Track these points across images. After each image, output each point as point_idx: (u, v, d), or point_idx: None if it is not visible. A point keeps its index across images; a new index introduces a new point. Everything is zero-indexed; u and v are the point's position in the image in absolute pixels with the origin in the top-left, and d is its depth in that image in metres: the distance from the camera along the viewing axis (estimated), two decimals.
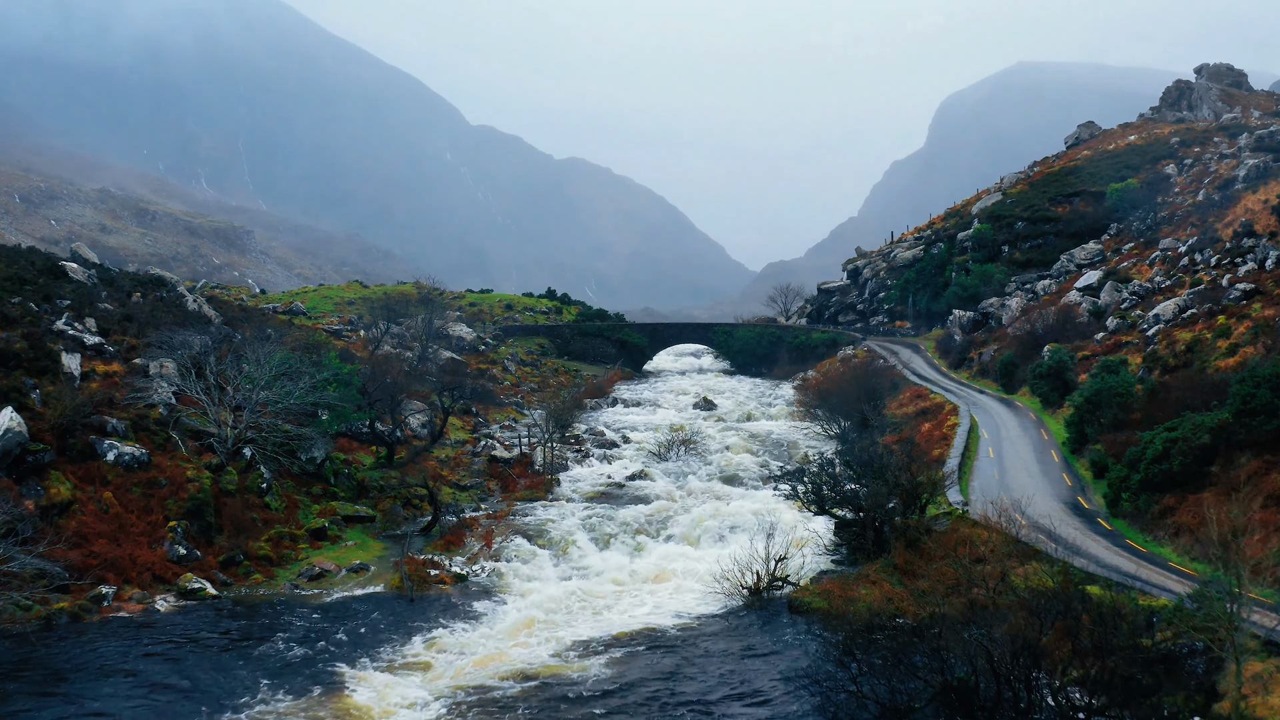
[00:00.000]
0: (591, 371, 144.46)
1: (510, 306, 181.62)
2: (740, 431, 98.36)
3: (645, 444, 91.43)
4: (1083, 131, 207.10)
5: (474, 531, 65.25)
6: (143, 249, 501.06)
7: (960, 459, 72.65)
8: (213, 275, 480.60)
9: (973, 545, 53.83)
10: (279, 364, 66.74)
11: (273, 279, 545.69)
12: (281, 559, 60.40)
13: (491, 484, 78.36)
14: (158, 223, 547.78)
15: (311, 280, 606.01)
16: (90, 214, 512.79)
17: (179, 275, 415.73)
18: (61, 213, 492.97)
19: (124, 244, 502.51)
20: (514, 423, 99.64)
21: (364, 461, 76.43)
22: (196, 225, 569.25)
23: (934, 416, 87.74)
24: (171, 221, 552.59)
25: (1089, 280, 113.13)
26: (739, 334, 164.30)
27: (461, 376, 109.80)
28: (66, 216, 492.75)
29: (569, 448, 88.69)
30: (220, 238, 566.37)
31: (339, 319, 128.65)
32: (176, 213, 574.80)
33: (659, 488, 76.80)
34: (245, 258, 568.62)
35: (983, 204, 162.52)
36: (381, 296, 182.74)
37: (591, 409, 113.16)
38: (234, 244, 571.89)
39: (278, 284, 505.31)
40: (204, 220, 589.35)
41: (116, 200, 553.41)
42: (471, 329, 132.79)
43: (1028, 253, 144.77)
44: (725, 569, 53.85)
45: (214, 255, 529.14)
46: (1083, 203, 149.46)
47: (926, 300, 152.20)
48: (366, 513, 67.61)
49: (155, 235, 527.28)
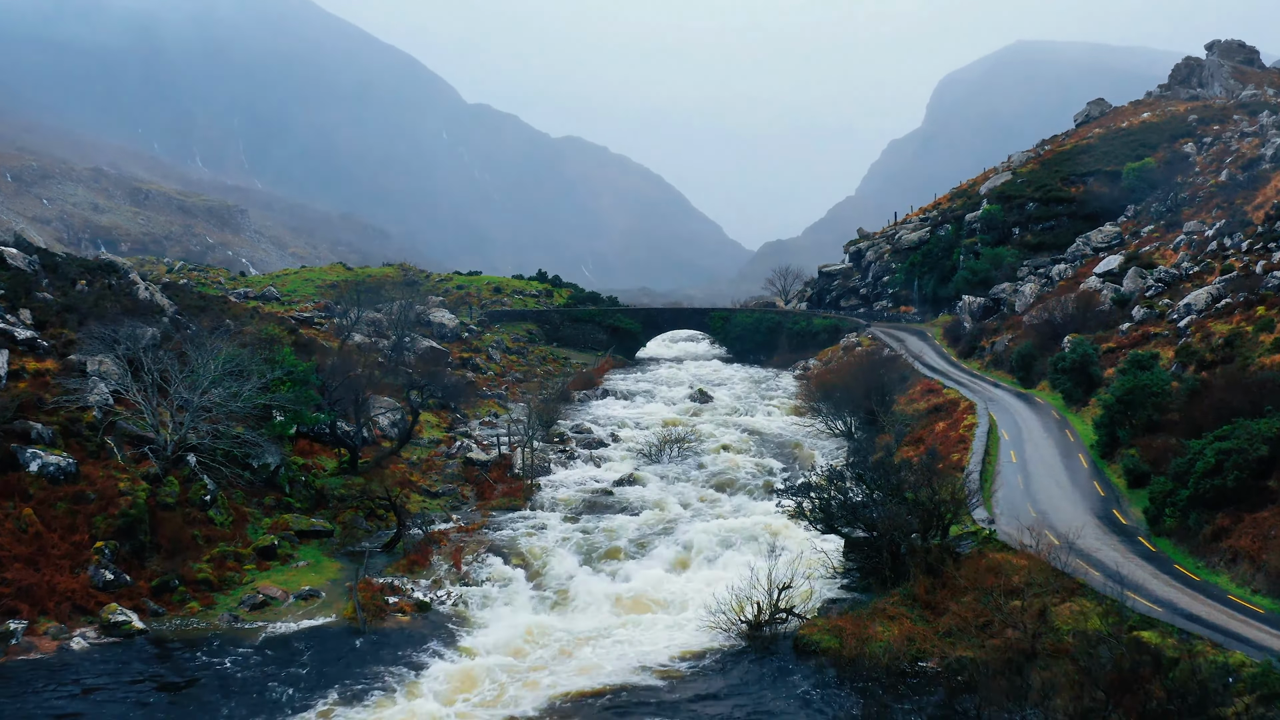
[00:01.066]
0: (581, 359, 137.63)
1: (499, 289, 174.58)
2: (738, 428, 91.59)
3: (635, 443, 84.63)
4: (1093, 109, 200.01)
5: (442, 548, 58.62)
6: (136, 228, 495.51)
7: (980, 464, 66.10)
8: (206, 255, 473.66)
9: (1004, 574, 47.35)
10: (226, 362, 59.95)
11: (266, 259, 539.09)
12: (223, 583, 53.78)
13: (466, 490, 71.73)
14: (151, 202, 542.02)
15: (307, 260, 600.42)
16: (83, 193, 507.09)
17: (172, 255, 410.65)
18: (54, 192, 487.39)
19: (117, 223, 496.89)
20: (495, 418, 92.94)
21: (326, 466, 69.74)
22: (190, 204, 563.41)
23: (948, 414, 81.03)
24: (165, 201, 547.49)
25: (1109, 265, 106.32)
26: (737, 319, 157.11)
27: (440, 367, 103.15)
28: (59, 196, 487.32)
29: (553, 447, 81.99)
30: (214, 217, 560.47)
31: (314, 305, 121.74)
32: (170, 192, 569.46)
33: (649, 494, 70.14)
34: (239, 237, 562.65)
35: (991, 184, 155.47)
36: (365, 279, 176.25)
37: (579, 401, 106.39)
38: (228, 223, 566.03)
39: (271, 264, 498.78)
40: (198, 199, 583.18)
41: (110, 179, 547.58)
42: (454, 315, 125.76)
43: (1040, 235, 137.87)
44: (721, 599, 47.29)
45: (208, 234, 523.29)
46: (1097, 183, 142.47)
47: (933, 284, 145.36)
48: (323, 526, 60.95)
49: (148, 214, 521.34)
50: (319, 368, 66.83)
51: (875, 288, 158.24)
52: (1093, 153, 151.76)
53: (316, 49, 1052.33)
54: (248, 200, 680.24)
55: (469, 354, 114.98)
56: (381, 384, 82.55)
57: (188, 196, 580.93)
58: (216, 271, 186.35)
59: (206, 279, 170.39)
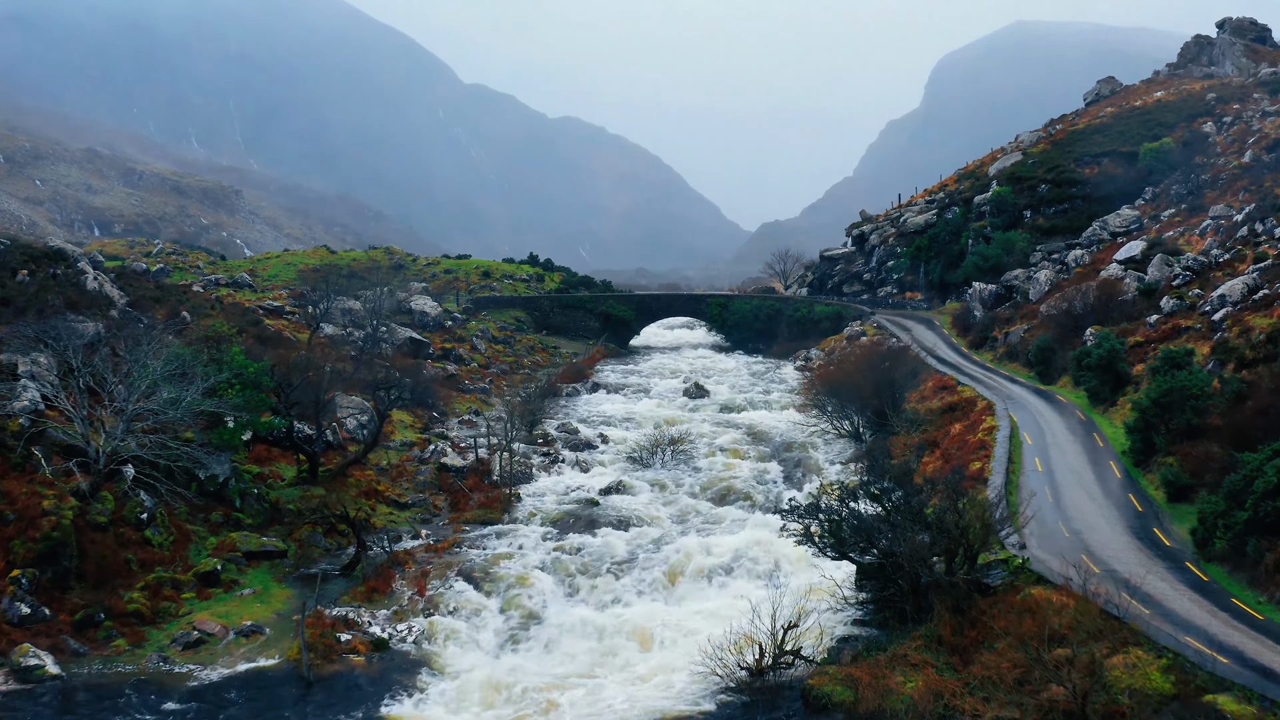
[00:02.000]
0: (572, 348, 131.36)
1: (488, 274, 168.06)
2: (736, 426, 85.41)
3: (625, 445, 78.43)
4: (1103, 87, 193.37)
5: (407, 571, 52.54)
6: (129, 209, 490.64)
7: (1004, 474, 60.01)
8: (200, 236, 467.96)
9: (1043, 614, 41.30)
10: (167, 363, 53.71)
11: (261, 239, 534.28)
12: (157, 615, 47.77)
13: (439, 500, 65.60)
14: (145, 183, 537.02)
15: (302, 241, 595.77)
16: (76, 174, 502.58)
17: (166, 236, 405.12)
18: (47, 173, 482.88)
19: (110, 204, 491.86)
20: (476, 416, 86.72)
21: (284, 475, 63.62)
22: (184, 185, 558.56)
23: (965, 414, 74.85)
24: (159, 181, 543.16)
25: (1131, 251, 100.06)
26: (735, 306, 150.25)
27: (419, 360, 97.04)
28: (52, 177, 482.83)
29: (536, 450, 75.86)
30: (208, 198, 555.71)
31: (289, 292, 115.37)
32: (164, 173, 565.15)
33: (639, 505, 64.02)
34: (234, 218, 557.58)
35: (1000, 164, 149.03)
36: (349, 263, 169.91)
37: (568, 396, 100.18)
38: (222, 204, 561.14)
39: (266, 245, 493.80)
40: (192, 180, 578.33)
41: (103, 160, 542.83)
42: (438, 302, 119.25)
43: (1052, 219, 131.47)
44: (718, 640, 41.26)
45: (202, 215, 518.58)
46: (1112, 164, 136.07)
47: (940, 270, 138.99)
48: (275, 546, 54.82)
49: (142, 195, 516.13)
50: (273, 367, 60.48)
51: (879, 273, 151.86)
52: (1107, 132, 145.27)
53: (312, 29, 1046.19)
54: (243, 181, 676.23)
55: (451, 344, 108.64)
56: (352, 381, 76.39)
57: (182, 177, 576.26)
58: (196, 255, 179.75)
59: (185, 263, 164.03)
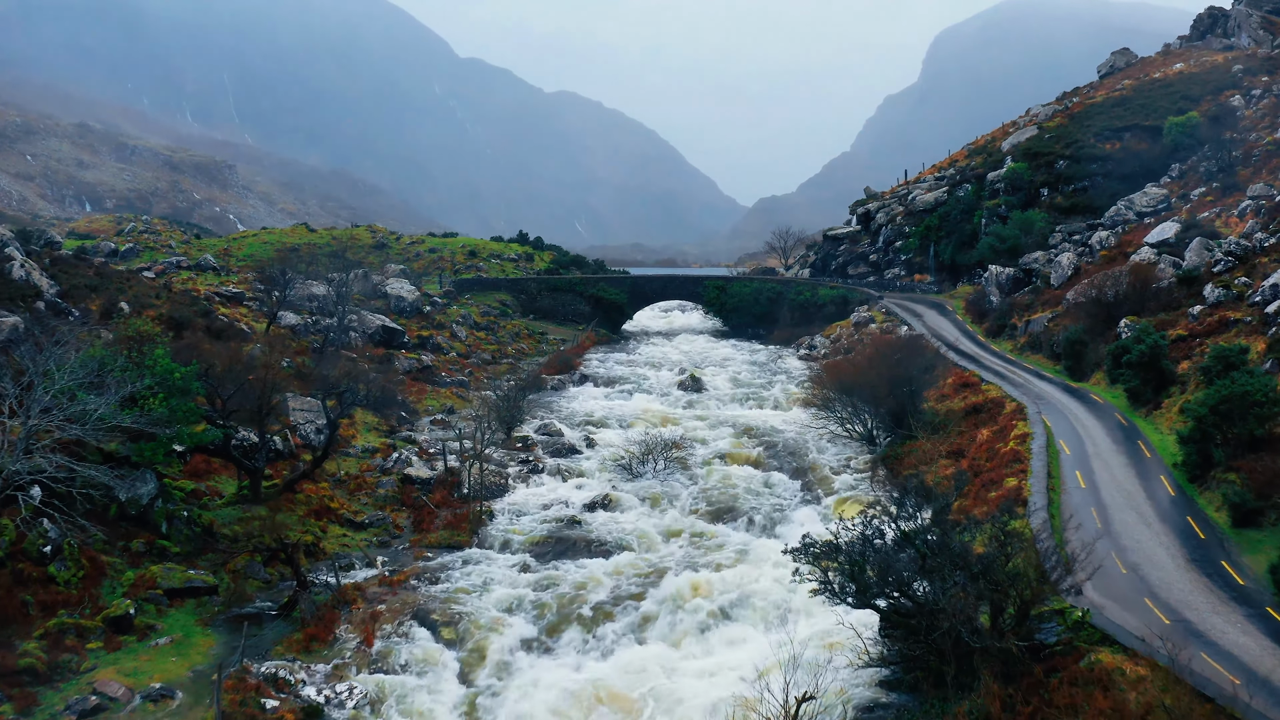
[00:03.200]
0: (560, 335, 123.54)
1: (474, 253, 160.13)
2: (736, 427, 77.73)
3: (613, 449, 70.73)
4: (1117, 59, 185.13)
5: (355, 612, 44.95)
6: (121, 184, 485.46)
7: (1046, 495, 52.43)
8: (193, 211, 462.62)
9: (1115, 690, 33.79)
10: (72, 371, 45.92)
11: (254, 214, 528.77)
12: (55, 671, 40.12)
13: (400, 518, 57.97)
14: (137, 157, 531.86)
15: (295, 216, 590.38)
16: (67, 149, 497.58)
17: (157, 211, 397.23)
18: (38, 148, 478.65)
19: (101, 179, 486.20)
20: (450, 415, 79.00)
21: (224, 491, 55.96)
22: (177, 160, 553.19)
23: (992, 417, 67.21)
24: (151, 156, 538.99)
25: (1164, 234, 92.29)
26: (734, 290, 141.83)
27: (389, 352, 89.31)
28: (43, 152, 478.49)
29: (514, 455, 68.16)
30: (201, 172, 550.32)
31: (256, 275, 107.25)
32: (156, 147, 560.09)
33: (628, 525, 56.38)
34: (227, 193, 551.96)
35: (1014, 139, 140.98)
36: (329, 241, 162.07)
37: (553, 389, 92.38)
38: (215, 179, 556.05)
39: (259, 220, 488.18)
40: (185, 155, 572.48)
41: (95, 135, 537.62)
42: (415, 286, 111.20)
43: (1071, 197, 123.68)
44: (720, 705, 33.76)
45: (195, 190, 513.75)
46: (1134, 139, 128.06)
47: (951, 251, 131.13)
48: (204, 580, 47.13)
49: (134, 170, 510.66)
50: (207, 370, 52.61)
51: (887, 254, 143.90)
52: (1128, 106, 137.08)
53: (306, 3, 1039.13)
54: (236, 155, 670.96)
55: (429, 331, 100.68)
56: (313, 378, 68.68)
57: (174, 152, 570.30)
58: (171, 233, 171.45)
59: (158, 242, 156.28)
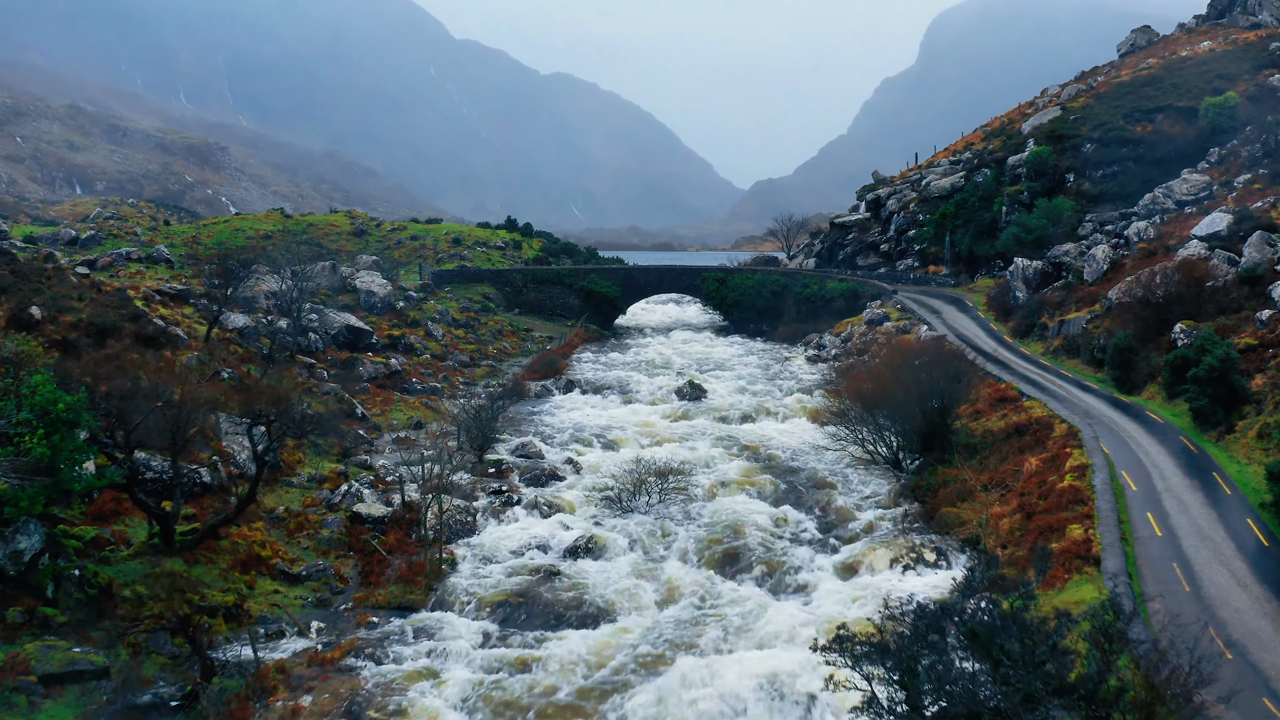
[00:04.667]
0: (547, 331, 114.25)
1: (459, 240, 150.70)
2: (741, 446, 68.56)
3: (602, 473, 61.54)
4: (1138, 37, 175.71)
5: (273, 708, 35.88)
6: (112, 167, 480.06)
7: (1120, 548, 43.42)
8: (185, 194, 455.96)
9: None
10: None
11: (247, 197, 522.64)
12: None
13: (346, 566, 48.78)
14: (129, 139, 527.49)
15: (289, 199, 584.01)
16: (58, 130, 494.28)
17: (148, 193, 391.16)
18: (28, 129, 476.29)
19: (92, 161, 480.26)
20: (417, 431, 69.79)
21: (137, 537, 46.80)
22: (169, 142, 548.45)
23: (1039, 442, 58.02)
24: (143, 138, 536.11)
25: (1214, 226, 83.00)
26: (734, 282, 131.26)
27: (354, 355, 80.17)
28: (33, 133, 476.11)
29: (485, 483, 58.93)
30: (194, 155, 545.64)
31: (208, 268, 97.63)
32: (149, 129, 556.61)
33: (617, 579, 47.20)
34: (219, 175, 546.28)
35: (1036, 120, 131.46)
36: (306, 228, 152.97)
37: (536, 397, 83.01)
38: (208, 161, 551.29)
39: (251, 202, 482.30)
40: (177, 136, 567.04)
41: (87, 117, 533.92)
42: (388, 279, 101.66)
43: (1100, 183, 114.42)
44: None
45: (186, 173, 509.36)
46: (1167, 121, 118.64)
47: (969, 240, 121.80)
48: (91, 662, 38.04)
49: (125, 152, 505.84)
50: (104, 395, 43.26)
51: (899, 243, 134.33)
52: (1158, 85, 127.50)
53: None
54: (230, 137, 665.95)
55: (401, 330, 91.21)
56: (256, 392, 59.34)
57: (167, 134, 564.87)
58: (136, 220, 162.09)
59: (123, 229, 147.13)
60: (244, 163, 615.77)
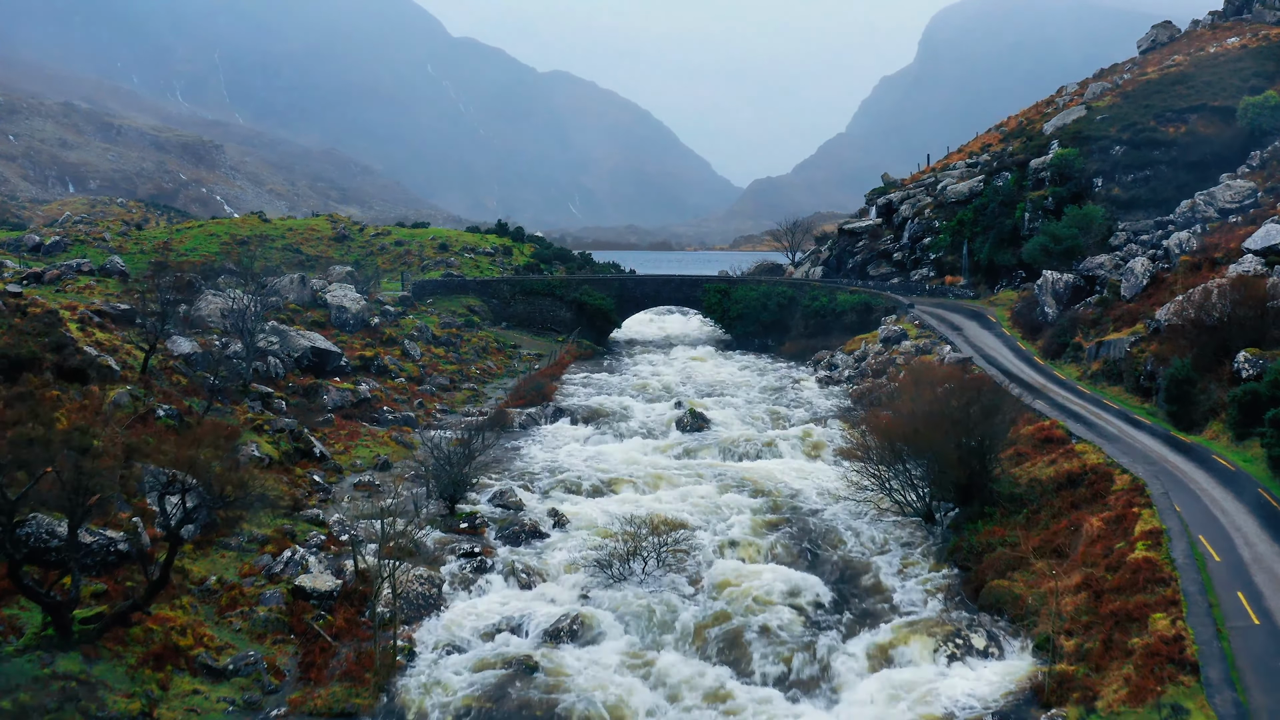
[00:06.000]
0: (536, 348, 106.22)
1: (445, 246, 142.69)
2: (749, 490, 60.54)
3: (592, 528, 53.52)
4: (1159, 33, 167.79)
5: None
6: (105, 165, 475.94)
7: (1218, 652, 35.56)
8: (179, 192, 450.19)
9: None
10: None
11: (242, 195, 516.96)
12: None
13: (283, 656, 40.72)
14: (123, 137, 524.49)
15: (285, 197, 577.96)
16: (51, 128, 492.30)
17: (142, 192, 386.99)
18: (21, 127, 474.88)
19: (85, 159, 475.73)
20: (383, 473, 61.82)
21: (30, 624, 38.89)
22: (163, 140, 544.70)
23: (1097, 496, 50.08)
24: (137, 136, 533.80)
25: (1271, 238, 75.02)
26: (738, 294, 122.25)
27: (318, 382, 72.55)
28: (25, 131, 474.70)
29: (456, 541, 50.96)
30: (188, 153, 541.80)
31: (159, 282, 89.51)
32: (143, 127, 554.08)
33: (604, 674, 39.14)
34: (214, 173, 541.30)
35: (1059, 120, 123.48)
36: (285, 233, 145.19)
37: (521, 428, 75.02)
38: (203, 159, 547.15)
39: (246, 200, 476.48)
40: (171, 134, 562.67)
41: (80, 115, 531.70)
42: (362, 293, 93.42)
43: (1131, 188, 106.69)
44: None
45: (180, 171, 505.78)
46: (1202, 121, 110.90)
47: (988, 249, 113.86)
48: None
49: (119, 150, 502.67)
50: None
51: (913, 251, 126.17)
52: (1190, 83, 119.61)
53: None
54: (227, 135, 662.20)
55: (374, 351, 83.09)
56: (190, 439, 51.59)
57: (161, 132, 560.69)
58: (106, 225, 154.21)
59: (92, 234, 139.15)
60: (239, 161, 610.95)
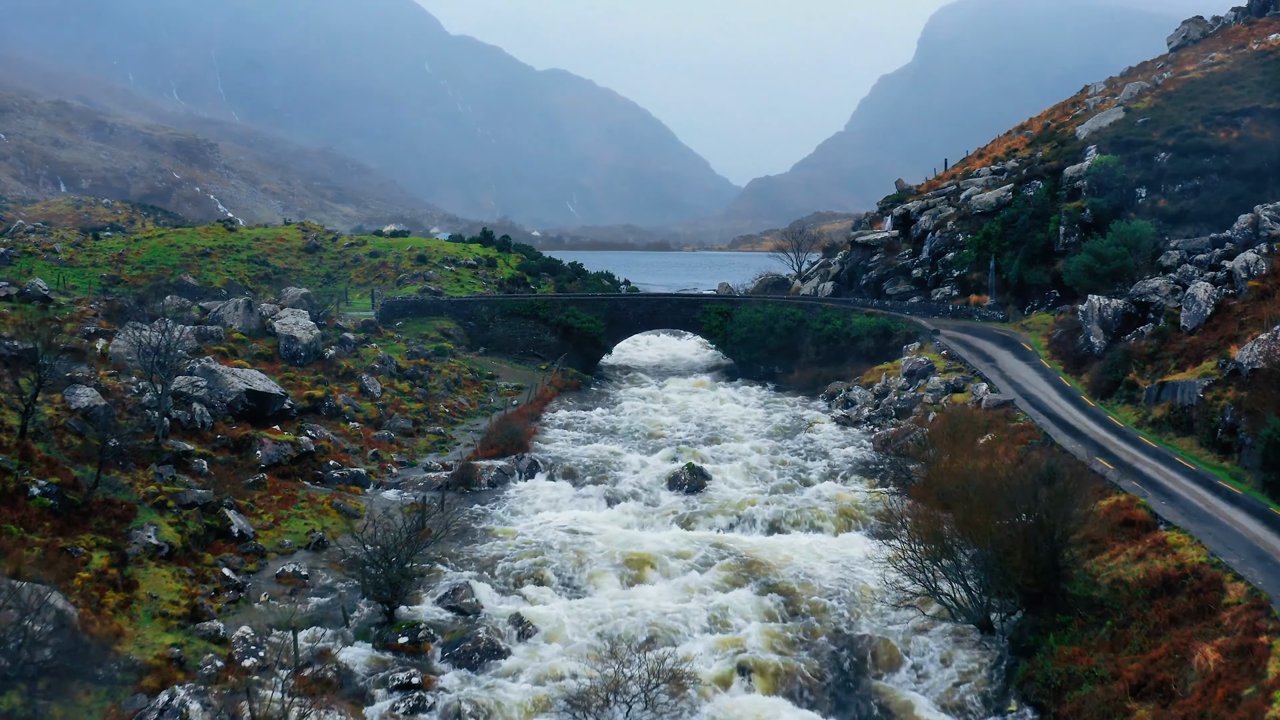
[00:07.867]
0: (515, 378, 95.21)
1: (424, 258, 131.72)
2: (759, 580, 49.27)
3: (561, 648, 42.25)
4: (1191, 29, 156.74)
5: None
6: (98, 164, 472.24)
7: None
8: (172, 192, 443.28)
9: None
10: None
11: (236, 195, 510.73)
12: None
13: None
14: (116, 136, 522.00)
15: (280, 197, 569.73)
16: (43, 127, 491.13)
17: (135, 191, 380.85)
18: (12, 126, 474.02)
19: (78, 158, 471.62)
20: (317, 555, 50.77)
21: None
22: (157, 138, 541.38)
23: (1203, 610, 38.78)
24: (130, 135, 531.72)
25: None
26: (741, 316, 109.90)
27: (254, 434, 61.70)
28: (17, 130, 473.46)
29: (390, 665, 40.00)
30: (182, 152, 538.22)
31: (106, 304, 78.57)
32: (136, 126, 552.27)
33: None
34: (208, 173, 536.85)
35: (1094, 123, 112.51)
36: (251, 243, 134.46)
37: (490, 485, 63.83)
38: (196, 158, 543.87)
39: (240, 200, 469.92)
40: (165, 133, 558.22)
41: (73, 113, 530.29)
42: (317, 319, 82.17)
43: (1180, 200, 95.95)
44: None
45: (174, 170, 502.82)
46: (1255, 125, 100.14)
47: (1018, 266, 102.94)
48: None
49: (112, 149, 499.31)
50: None
51: (935, 268, 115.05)
52: (1239, 83, 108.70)
53: None
54: (223, 134, 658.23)
55: (327, 389, 71.93)
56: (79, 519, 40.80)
57: (155, 130, 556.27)
58: (60, 233, 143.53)
59: (43, 244, 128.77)
60: (234, 160, 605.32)
